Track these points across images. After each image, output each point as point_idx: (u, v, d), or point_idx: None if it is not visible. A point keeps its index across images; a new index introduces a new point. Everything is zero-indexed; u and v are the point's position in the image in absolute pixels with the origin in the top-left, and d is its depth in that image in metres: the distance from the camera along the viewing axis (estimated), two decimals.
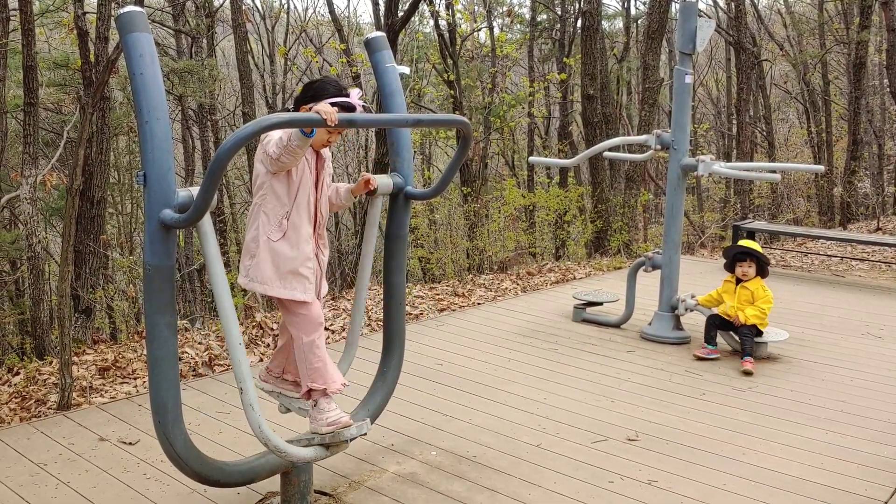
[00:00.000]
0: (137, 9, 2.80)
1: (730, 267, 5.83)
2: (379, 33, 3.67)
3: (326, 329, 6.65)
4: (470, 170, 15.34)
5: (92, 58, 7.75)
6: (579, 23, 15.92)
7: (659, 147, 6.20)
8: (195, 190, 2.83)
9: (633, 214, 12.05)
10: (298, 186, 3.08)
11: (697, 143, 26.62)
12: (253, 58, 20.28)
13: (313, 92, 3.04)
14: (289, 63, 21.38)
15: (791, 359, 5.80)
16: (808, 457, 4.12)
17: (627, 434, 4.41)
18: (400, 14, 8.81)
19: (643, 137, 6.31)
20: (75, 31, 7.85)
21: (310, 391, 3.22)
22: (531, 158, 9.03)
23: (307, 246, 3.13)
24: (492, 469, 3.95)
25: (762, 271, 5.73)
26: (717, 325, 5.78)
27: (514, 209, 15.53)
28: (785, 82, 23.63)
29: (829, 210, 17.05)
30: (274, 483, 3.53)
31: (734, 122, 18.94)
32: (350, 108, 3.00)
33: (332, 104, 2.92)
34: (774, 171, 6.92)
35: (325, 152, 3.26)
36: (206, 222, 2.86)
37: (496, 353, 5.86)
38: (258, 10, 22.54)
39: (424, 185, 22.19)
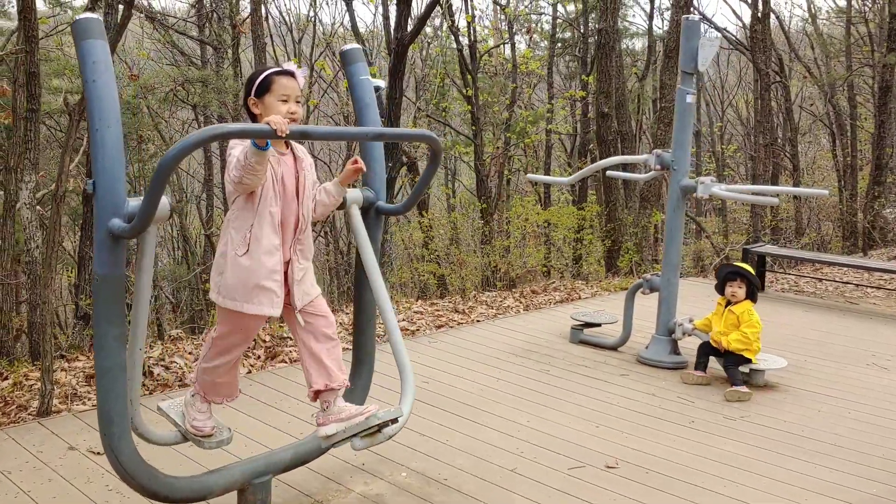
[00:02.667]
0: (94, 16, 2.77)
1: (720, 288, 5.68)
2: (354, 45, 3.62)
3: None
4: (486, 186, 15.29)
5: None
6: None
7: (659, 167, 6.08)
8: None
9: (646, 234, 11.89)
10: (260, 197, 3.03)
11: (725, 164, 26.36)
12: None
13: (251, 78, 3.06)
14: (315, 75, 21.52)
15: (788, 388, 5.63)
16: (791, 492, 3.97)
17: (607, 461, 4.28)
18: (410, 27, 8.80)
19: (643, 157, 6.19)
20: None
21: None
22: (529, 176, 8.93)
23: (270, 259, 3.05)
24: (460, 493, 3.85)
25: (752, 295, 5.58)
26: (707, 352, 5.63)
27: (535, 226, 15.46)
28: (811, 105, 23.32)
29: (851, 235, 16.72)
30: (232, 500, 3.47)
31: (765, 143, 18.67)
32: (289, 72, 3.04)
33: (272, 73, 3.01)
34: (777, 196, 6.74)
35: (300, 151, 3.21)
36: (149, 235, 2.81)
37: (485, 373, 5.75)
38: (285, 23, 22.76)
39: (448, 199, 22.24)
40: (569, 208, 14.13)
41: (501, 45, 18.98)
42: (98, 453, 4.11)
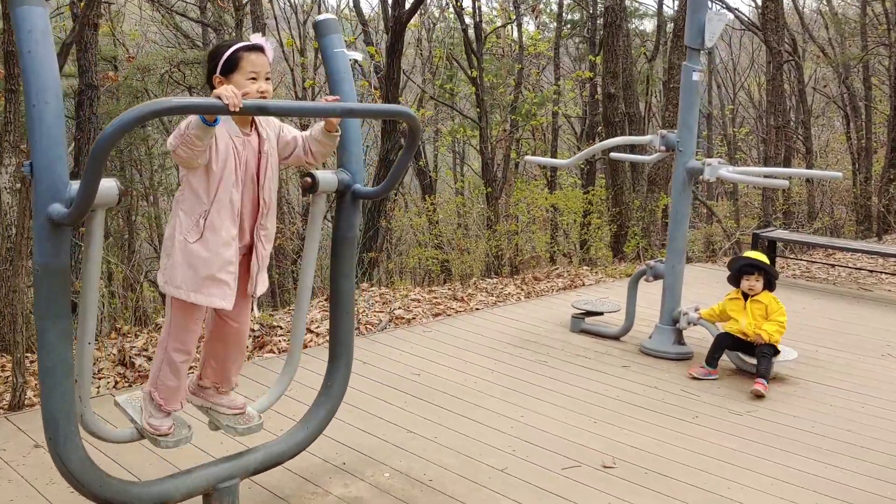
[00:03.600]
0: None
1: (734, 281, 5.41)
2: (329, 16, 3.36)
3: (310, 331, 6.37)
4: (490, 169, 14.99)
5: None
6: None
7: (664, 148, 5.79)
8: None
9: (654, 219, 11.58)
10: (220, 181, 2.78)
11: (737, 147, 25.90)
12: (283, 51, 20.12)
13: (214, 53, 2.80)
14: (320, 59, 21.14)
15: (798, 380, 5.36)
16: (797, 494, 3.71)
17: (603, 460, 4.04)
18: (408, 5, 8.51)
19: (647, 138, 5.91)
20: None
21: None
22: (527, 158, 8.65)
23: (227, 250, 2.82)
24: (445, 496, 3.61)
25: (770, 285, 5.30)
26: (726, 345, 5.32)
27: (543, 210, 15.14)
28: (825, 86, 22.82)
29: (866, 220, 16.34)
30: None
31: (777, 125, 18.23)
32: (258, 47, 2.79)
33: (240, 49, 2.78)
34: (787, 178, 6.44)
35: (266, 131, 2.95)
36: (96, 221, 2.57)
37: (479, 364, 5.51)
38: (290, 4, 22.40)
39: (455, 183, 21.91)
40: (575, 192, 13.82)
41: (508, 26, 18.57)
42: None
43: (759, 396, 4.95)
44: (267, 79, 2.85)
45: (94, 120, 8.36)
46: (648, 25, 22.46)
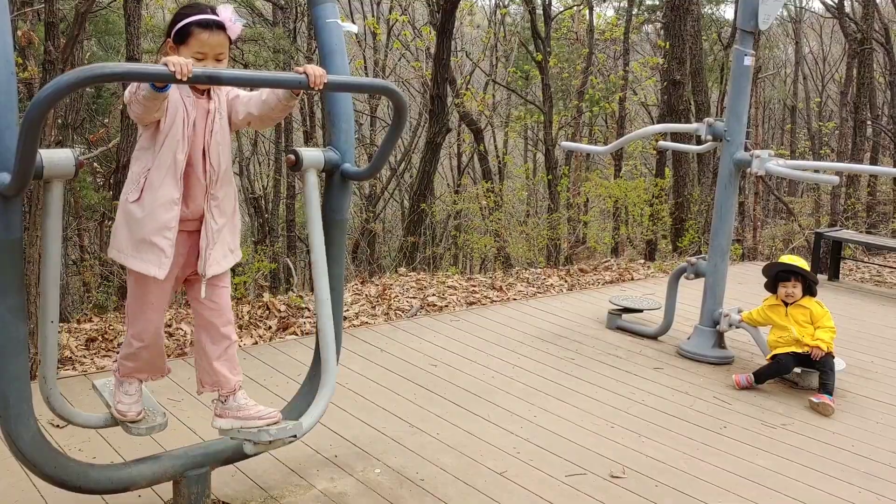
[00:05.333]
0: None
1: (772, 287, 5.01)
2: None
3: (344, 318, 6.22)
4: (552, 156, 14.61)
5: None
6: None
7: (710, 138, 5.41)
8: (48, 153, 2.43)
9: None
10: (165, 139, 2.60)
11: (823, 142, 24.68)
12: (356, 34, 20.06)
13: (172, 20, 2.61)
14: (392, 38, 20.99)
15: (846, 393, 4.93)
16: None
17: (612, 469, 3.76)
18: None
19: (693, 126, 5.52)
20: None
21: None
22: (564, 144, 8.30)
23: (165, 212, 2.63)
24: (434, 498, 3.41)
25: (810, 290, 4.89)
26: (789, 367, 4.81)
27: (605, 201, 14.71)
28: None
29: None
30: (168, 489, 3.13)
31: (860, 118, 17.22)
32: (217, 24, 2.56)
33: (193, 23, 2.55)
34: (838, 174, 5.95)
35: (218, 94, 2.72)
36: (53, 193, 2.44)
37: (502, 358, 5.27)
38: None
39: (526, 172, 21.52)
40: (636, 182, 13.33)
41: (578, 10, 18.05)
42: (57, 426, 3.85)
43: (825, 411, 4.56)
44: (218, 59, 2.63)
45: None
46: (728, 12, 21.54)
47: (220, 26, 2.61)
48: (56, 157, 2.41)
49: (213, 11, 2.63)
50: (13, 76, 2.38)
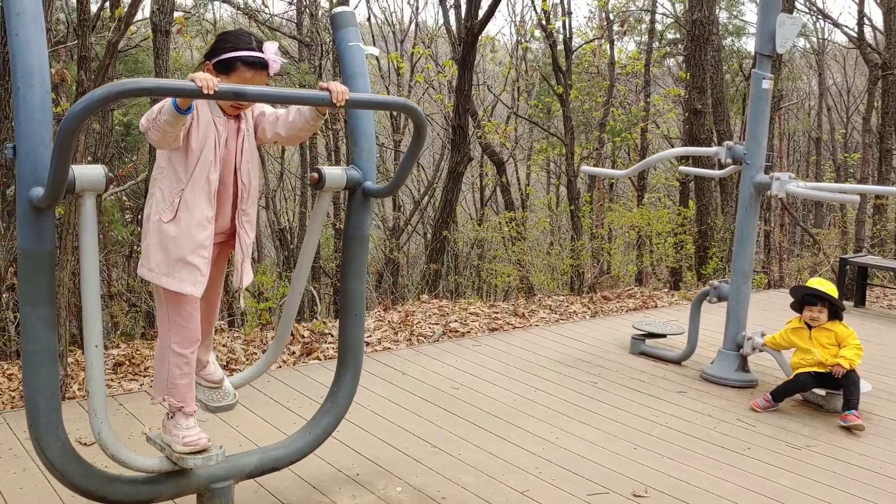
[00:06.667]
0: None
1: (798, 308, 4.99)
2: (346, 8, 3.27)
3: (366, 343, 6.28)
4: (574, 187, 14.64)
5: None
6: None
7: (730, 161, 5.43)
8: (80, 168, 2.52)
9: None
10: (199, 159, 2.69)
11: (849, 174, 24.48)
12: (380, 68, 20.39)
13: (221, 40, 2.69)
14: (415, 73, 21.30)
15: (871, 415, 4.87)
16: None
17: (635, 488, 3.74)
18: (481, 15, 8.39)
19: (713, 150, 5.55)
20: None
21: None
22: (583, 168, 8.35)
23: (201, 231, 2.72)
24: None
25: (836, 315, 4.86)
26: (809, 388, 4.85)
27: (628, 230, 14.69)
28: None
29: None
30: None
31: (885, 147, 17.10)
32: (262, 64, 2.65)
33: (239, 59, 2.59)
34: (859, 195, 5.94)
35: (245, 112, 2.83)
36: (85, 208, 2.53)
37: (524, 382, 5.27)
38: (388, 24, 22.74)
39: (549, 202, 21.56)
40: (660, 212, 13.31)
41: (599, 43, 18.22)
42: (86, 444, 3.92)
43: (857, 429, 4.53)
44: None
45: None
46: (750, 44, 21.62)
47: (265, 65, 2.69)
48: (87, 172, 2.51)
49: (259, 45, 2.70)
50: (48, 94, 2.49)
